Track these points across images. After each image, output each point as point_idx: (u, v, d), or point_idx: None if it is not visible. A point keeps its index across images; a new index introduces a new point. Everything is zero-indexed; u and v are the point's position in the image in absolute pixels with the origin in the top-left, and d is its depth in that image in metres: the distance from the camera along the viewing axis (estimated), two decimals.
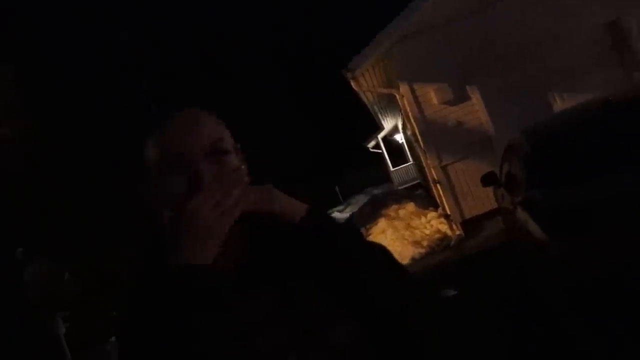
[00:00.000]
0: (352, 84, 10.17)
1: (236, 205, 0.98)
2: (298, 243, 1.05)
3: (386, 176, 25.46)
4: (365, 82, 10.45)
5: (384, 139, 23.25)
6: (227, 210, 0.97)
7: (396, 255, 1.14)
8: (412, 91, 9.65)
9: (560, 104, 9.27)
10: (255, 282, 1.04)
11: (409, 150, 21.14)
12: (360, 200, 25.80)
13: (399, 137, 22.50)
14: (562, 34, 9.20)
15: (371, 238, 9.04)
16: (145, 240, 1.07)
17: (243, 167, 1.10)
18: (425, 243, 9.96)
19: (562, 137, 4.57)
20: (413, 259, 9.50)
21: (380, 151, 24.40)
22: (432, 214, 11.31)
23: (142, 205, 1.09)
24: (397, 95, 10.52)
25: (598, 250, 3.37)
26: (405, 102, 10.05)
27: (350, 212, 22.24)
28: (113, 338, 8.99)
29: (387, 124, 19.07)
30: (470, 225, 9.33)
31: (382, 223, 11.58)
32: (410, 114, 10.06)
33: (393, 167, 24.82)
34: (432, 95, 9.58)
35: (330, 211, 25.38)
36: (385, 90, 10.89)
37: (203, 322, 0.89)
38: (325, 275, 1.04)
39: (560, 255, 3.57)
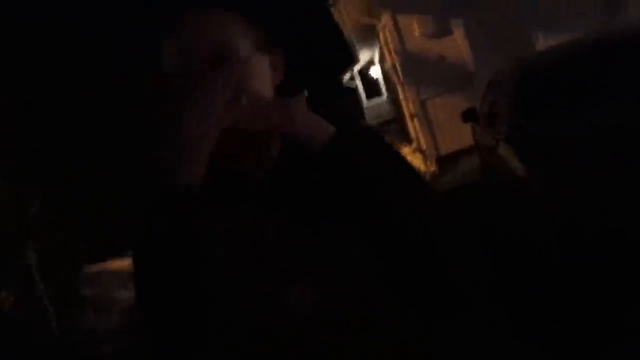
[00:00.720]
0: (333, 12, 9.88)
1: (224, 117, 0.87)
2: (321, 170, 0.92)
3: (359, 110, 25.32)
4: (346, 12, 10.16)
5: (359, 72, 22.98)
6: (210, 123, 0.86)
7: None
8: (395, 22, 9.42)
9: (542, 44, 9.18)
10: (272, 205, 0.95)
11: (385, 85, 20.96)
12: None
13: (375, 71, 22.24)
14: None
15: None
16: (147, 160, 0.97)
17: (255, 77, 0.94)
18: None
19: (548, 72, 4.51)
20: None
21: (354, 84, 24.15)
22: (406, 149, 11.33)
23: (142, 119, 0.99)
24: (377, 26, 10.27)
25: (580, 187, 3.37)
26: (387, 33, 9.83)
27: None
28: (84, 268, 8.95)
29: (364, 56, 18.78)
30: (445, 162, 9.37)
31: None
32: (390, 45, 9.86)
33: (367, 100, 24.66)
34: (414, 26, 9.36)
35: None
36: (366, 20, 10.62)
37: (195, 245, 0.84)
38: (350, 209, 0.91)
39: (541, 191, 3.57)
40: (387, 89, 20.02)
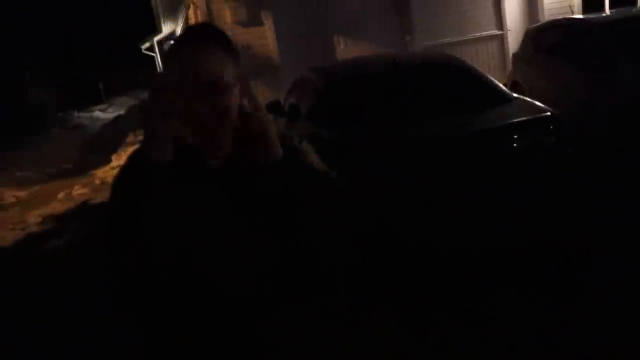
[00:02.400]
0: None
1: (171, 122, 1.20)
2: (262, 176, 1.30)
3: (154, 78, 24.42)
4: None
5: (160, 42, 22.24)
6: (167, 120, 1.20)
7: None
8: (208, 4, 9.44)
9: (342, 47, 10.00)
10: (217, 184, 1.33)
11: None
12: (124, 102, 24.54)
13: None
14: None
15: (140, 139, 8.85)
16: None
17: (238, 101, 1.27)
18: None
19: (351, 83, 5.05)
20: None
21: (153, 54, 23.30)
22: None
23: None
24: (191, 3, 10.18)
25: (372, 191, 3.88)
26: (198, 12, 9.80)
27: (116, 114, 21.30)
28: None
29: (167, 28, 18.27)
30: None
31: None
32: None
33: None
34: (227, 13, 9.48)
35: (92, 109, 23.83)
36: None
37: (151, 208, 1.22)
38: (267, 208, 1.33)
39: (344, 186, 4.03)
40: None
